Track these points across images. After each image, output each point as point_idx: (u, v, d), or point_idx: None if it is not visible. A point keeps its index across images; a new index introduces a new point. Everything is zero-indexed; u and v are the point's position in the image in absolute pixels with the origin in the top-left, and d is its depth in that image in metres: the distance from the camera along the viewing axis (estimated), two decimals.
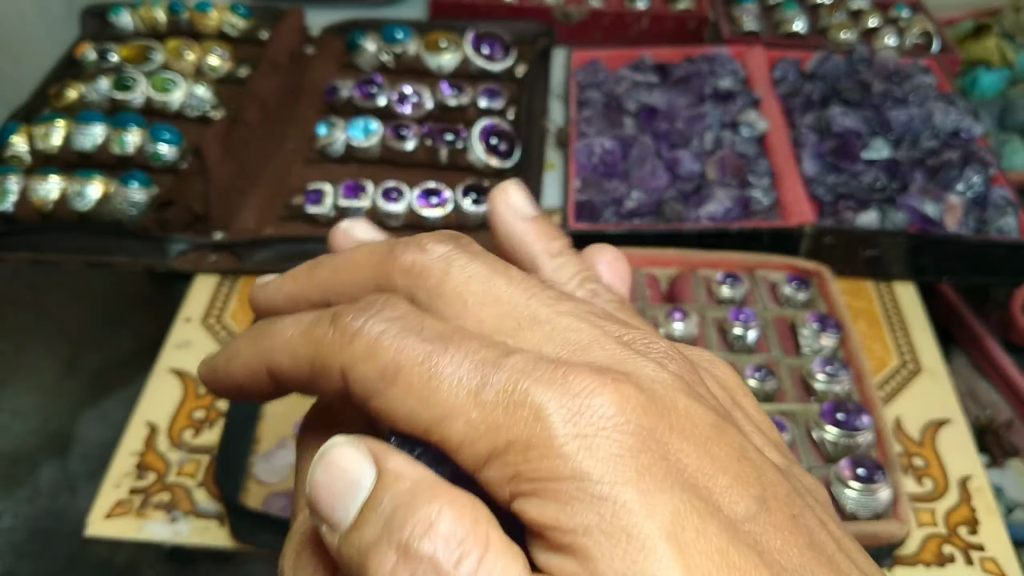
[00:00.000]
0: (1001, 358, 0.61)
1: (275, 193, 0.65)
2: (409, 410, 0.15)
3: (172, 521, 0.47)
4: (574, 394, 0.14)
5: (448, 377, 0.15)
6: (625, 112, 0.70)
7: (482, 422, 0.15)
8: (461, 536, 0.14)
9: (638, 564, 0.13)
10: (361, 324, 0.16)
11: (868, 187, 0.62)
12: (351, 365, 0.16)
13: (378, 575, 0.14)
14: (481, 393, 0.15)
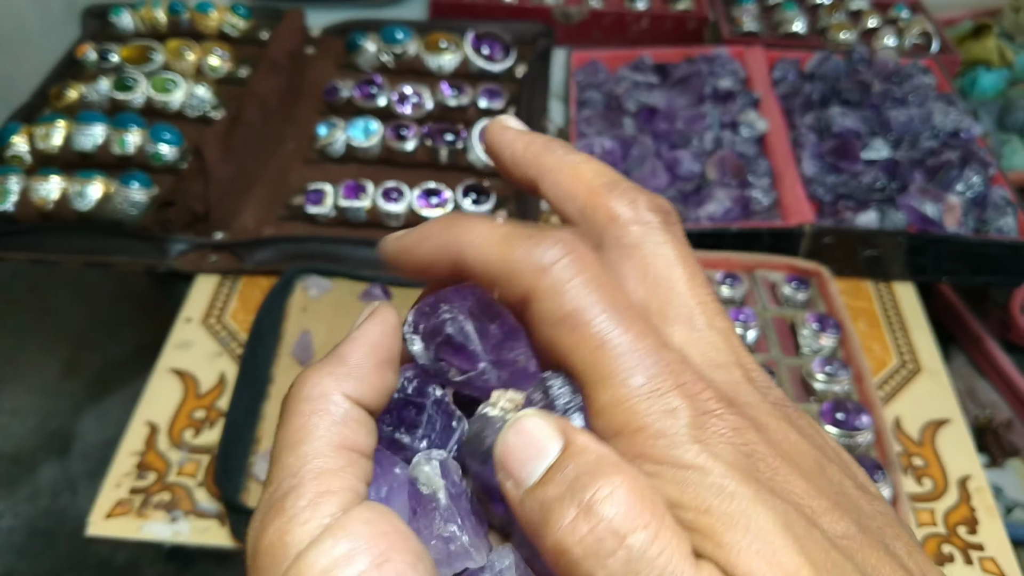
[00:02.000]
0: (1000, 358, 0.61)
1: (275, 193, 0.65)
2: (571, 356, 0.18)
3: (172, 521, 0.47)
4: (705, 410, 0.17)
5: (612, 350, 0.17)
6: (625, 112, 0.70)
7: (626, 401, 0.17)
8: (640, 509, 0.15)
9: (759, 543, 0.15)
10: (555, 261, 0.18)
11: (867, 187, 0.62)
12: (536, 297, 0.18)
13: (558, 525, 0.15)
14: (634, 376, 0.17)
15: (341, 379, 0.19)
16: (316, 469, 0.18)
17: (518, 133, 0.23)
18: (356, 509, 0.17)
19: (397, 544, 0.17)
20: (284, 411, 0.19)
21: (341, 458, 0.18)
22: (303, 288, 0.60)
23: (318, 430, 0.18)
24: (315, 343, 0.57)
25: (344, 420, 0.19)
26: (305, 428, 0.18)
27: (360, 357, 0.20)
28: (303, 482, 0.18)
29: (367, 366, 0.20)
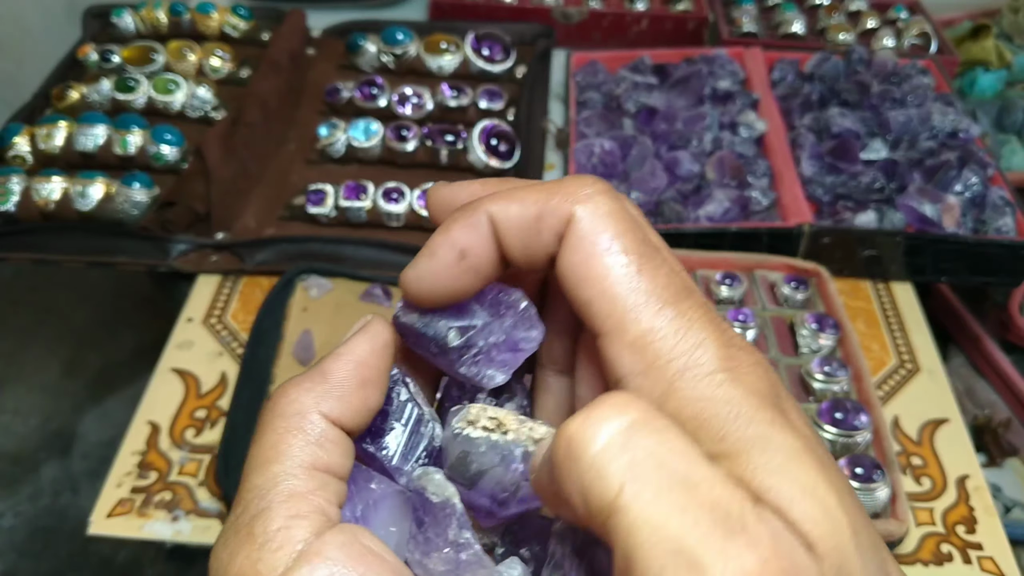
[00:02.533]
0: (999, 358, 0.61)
1: (276, 194, 0.65)
2: (603, 283, 0.18)
3: (174, 520, 0.48)
4: (732, 343, 0.17)
5: (646, 279, 0.18)
6: (624, 113, 0.70)
7: (658, 331, 0.17)
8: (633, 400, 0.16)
9: (783, 466, 0.15)
10: (595, 188, 0.18)
11: (866, 187, 0.63)
12: (574, 225, 0.18)
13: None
14: (666, 309, 0.17)
15: (321, 397, 0.19)
16: (286, 491, 0.17)
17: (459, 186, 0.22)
18: (329, 533, 0.17)
19: (375, 565, 0.16)
20: (259, 426, 0.18)
21: (312, 480, 0.18)
22: (304, 288, 0.60)
23: (291, 450, 0.18)
24: (316, 343, 0.57)
25: (319, 440, 0.18)
26: (277, 447, 0.18)
27: (344, 374, 0.19)
28: (271, 505, 0.17)
29: (350, 384, 0.19)
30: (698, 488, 0.14)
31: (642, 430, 0.15)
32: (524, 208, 0.19)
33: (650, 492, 0.14)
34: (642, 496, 0.14)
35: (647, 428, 0.15)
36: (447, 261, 0.19)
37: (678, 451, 0.15)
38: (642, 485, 0.14)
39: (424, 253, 0.20)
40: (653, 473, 0.14)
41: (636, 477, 0.14)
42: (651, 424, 0.15)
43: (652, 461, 0.14)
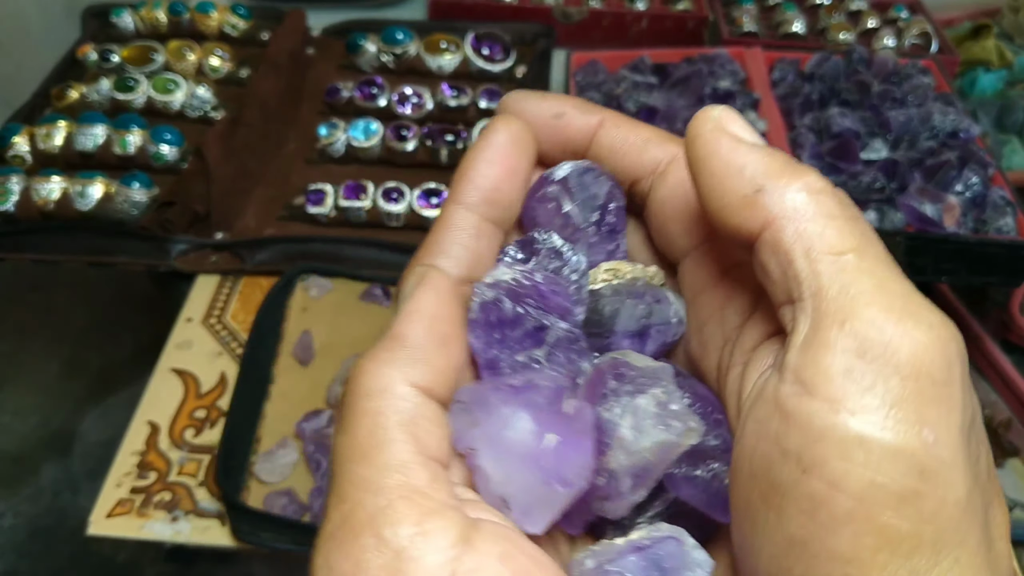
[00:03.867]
0: (1000, 358, 0.61)
1: (276, 193, 0.65)
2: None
3: (173, 520, 0.48)
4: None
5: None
6: (624, 112, 0.70)
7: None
8: None
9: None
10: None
11: (867, 187, 0.63)
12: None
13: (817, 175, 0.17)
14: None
15: (403, 365, 0.16)
16: (405, 486, 0.15)
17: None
18: (482, 540, 0.14)
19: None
20: (344, 411, 0.16)
21: (426, 470, 0.15)
22: (304, 288, 0.60)
23: (389, 433, 0.16)
24: (315, 343, 0.57)
25: (414, 419, 0.16)
26: (374, 433, 0.16)
27: (420, 335, 0.17)
28: (393, 503, 0.15)
29: (430, 345, 0.17)
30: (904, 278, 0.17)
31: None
32: (636, 128, 0.21)
33: (882, 259, 0.17)
34: (876, 258, 0.17)
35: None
36: (547, 109, 0.21)
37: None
38: (876, 252, 0.17)
39: (537, 94, 0.22)
40: (882, 251, 0.18)
41: (871, 245, 0.17)
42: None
43: (880, 244, 0.18)
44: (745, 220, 0.17)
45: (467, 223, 0.20)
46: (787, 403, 0.15)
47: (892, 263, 0.17)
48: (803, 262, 0.16)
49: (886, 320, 0.15)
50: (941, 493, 0.14)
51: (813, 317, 0.16)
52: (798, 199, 0.17)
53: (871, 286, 0.16)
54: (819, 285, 0.16)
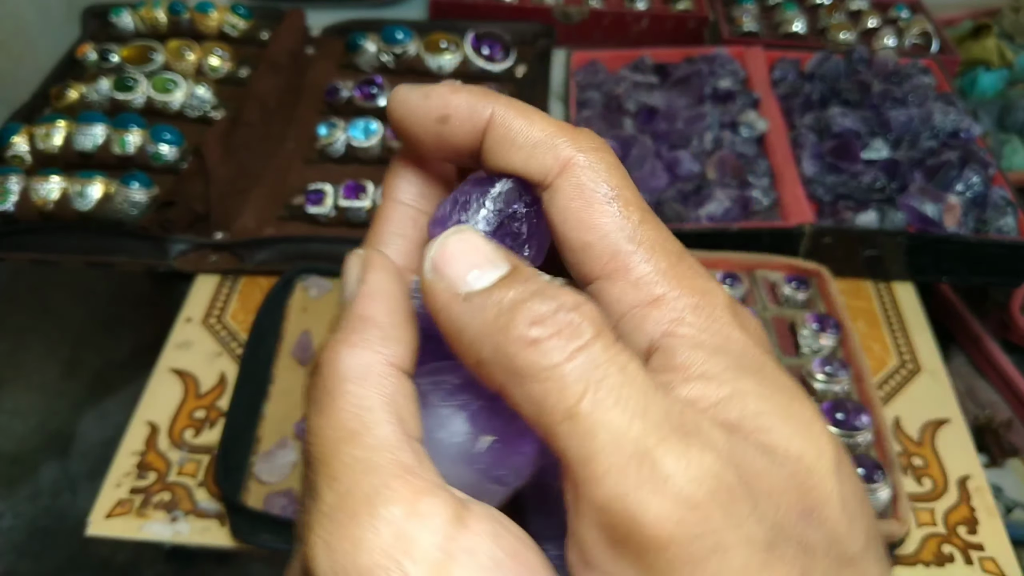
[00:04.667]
0: (1000, 358, 0.61)
1: (276, 193, 0.65)
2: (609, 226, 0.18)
3: (172, 521, 0.47)
4: (733, 299, 0.18)
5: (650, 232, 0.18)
6: (625, 112, 0.70)
7: (665, 272, 0.17)
8: (602, 321, 0.15)
9: (783, 399, 0.16)
10: (601, 144, 0.19)
11: (867, 187, 0.62)
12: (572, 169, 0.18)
13: (525, 319, 0.15)
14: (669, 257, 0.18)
15: (378, 345, 0.17)
16: (394, 465, 0.15)
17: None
18: (474, 520, 0.15)
19: (532, 563, 0.15)
20: (320, 395, 0.16)
21: (411, 449, 0.16)
22: (303, 288, 0.60)
23: (375, 415, 0.16)
24: (315, 343, 0.57)
25: (395, 398, 0.16)
26: (359, 414, 0.16)
27: (385, 314, 0.17)
28: (389, 483, 0.15)
29: (397, 322, 0.17)
30: (657, 400, 0.15)
31: (607, 343, 0.15)
32: (528, 129, 0.18)
33: (611, 399, 0.14)
34: (604, 403, 0.14)
35: (609, 342, 0.15)
36: (429, 112, 0.19)
37: (640, 371, 0.15)
38: (605, 393, 0.14)
39: (422, 89, 0.19)
40: (615, 382, 0.14)
41: (599, 386, 0.14)
42: (615, 344, 0.15)
43: (614, 373, 0.15)
44: (489, 386, 0.16)
45: (402, 215, 0.20)
46: (576, 574, 0.15)
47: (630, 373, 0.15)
48: (540, 429, 0.15)
49: (622, 488, 0.14)
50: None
51: (570, 484, 0.15)
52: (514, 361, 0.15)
53: (604, 443, 0.14)
54: (561, 451, 0.15)
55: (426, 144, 0.19)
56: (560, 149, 0.18)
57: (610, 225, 0.18)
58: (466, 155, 0.19)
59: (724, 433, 0.15)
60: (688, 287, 0.17)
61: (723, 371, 0.16)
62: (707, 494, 0.14)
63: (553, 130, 0.18)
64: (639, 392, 0.14)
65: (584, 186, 0.18)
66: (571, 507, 0.15)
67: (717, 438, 0.15)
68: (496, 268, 0.16)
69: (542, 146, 0.18)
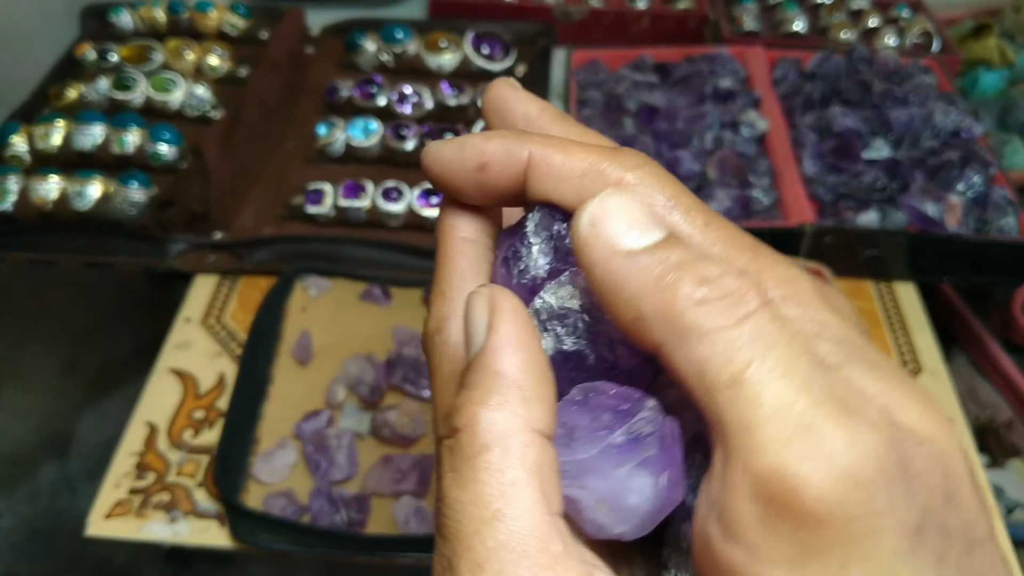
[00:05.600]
0: (1001, 358, 0.60)
1: (275, 193, 0.65)
2: None
3: (172, 521, 0.47)
4: (821, 283, 0.17)
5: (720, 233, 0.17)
6: (625, 112, 0.70)
7: (748, 269, 0.17)
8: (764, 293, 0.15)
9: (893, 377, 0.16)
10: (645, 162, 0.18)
11: (868, 187, 0.62)
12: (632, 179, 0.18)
13: (691, 280, 0.15)
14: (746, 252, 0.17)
15: (518, 408, 0.15)
16: (543, 553, 0.14)
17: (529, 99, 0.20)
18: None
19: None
20: (459, 462, 0.15)
21: (558, 532, 0.15)
22: (303, 288, 0.60)
23: (520, 492, 0.15)
24: (315, 343, 0.57)
25: (540, 469, 0.15)
26: (503, 490, 0.15)
27: (523, 369, 0.16)
28: (537, 573, 0.14)
29: (535, 380, 0.16)
30: (820, 374, 0.14)
31: (775, 314, 0.15)
32: (569, 161, 0.18)
33: (779, 371, 0.14)
34: (772, 373, 0.14)
35: (776, 313, 0.15)
36: (467, 163, 0.19)
37: (805, 345, 0.15)
38: (773, 363, 0.14)
39: (456, 142, 0.19)
40: (783, 353, 0.14)
41: (767, 356, 0.14)
42: (778, 311, 0.15)
43: (783, 344, 0.14)
44: (640, 344, 0.16)
45: (472, 251, 0.20)
46: (715, 546, 0.15)
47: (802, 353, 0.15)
48: (699, 392, 0.15)
49: (785, 460, 0.14)
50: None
51: (722, 453, 0.15)
52: (680, 319, 0.15)
53: (770, 412, 0.14)
54: (718, 417, 0.15)
55: (468, 194, 0.19)
56: (607, 174, 0.18)
57: (679, 234, 0.17)
58: (510, 198, 0.19)
59: (880, 413, 0.15)
60: (773, 278, 0.17)
61: (830, 354, 0.16)
62: (871, 474, 0.14)
63: (595, 157, 0.18)
64: (805, 366, 0.14)
65: None
66: (719, 477, 0.15)
67: (876, 418, 0.14)
68: (656, 230, 0.16)
69: (589, 175, 0.18)
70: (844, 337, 0.16)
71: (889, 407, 0.15)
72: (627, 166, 0.18)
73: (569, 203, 0.18)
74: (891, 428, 0.14)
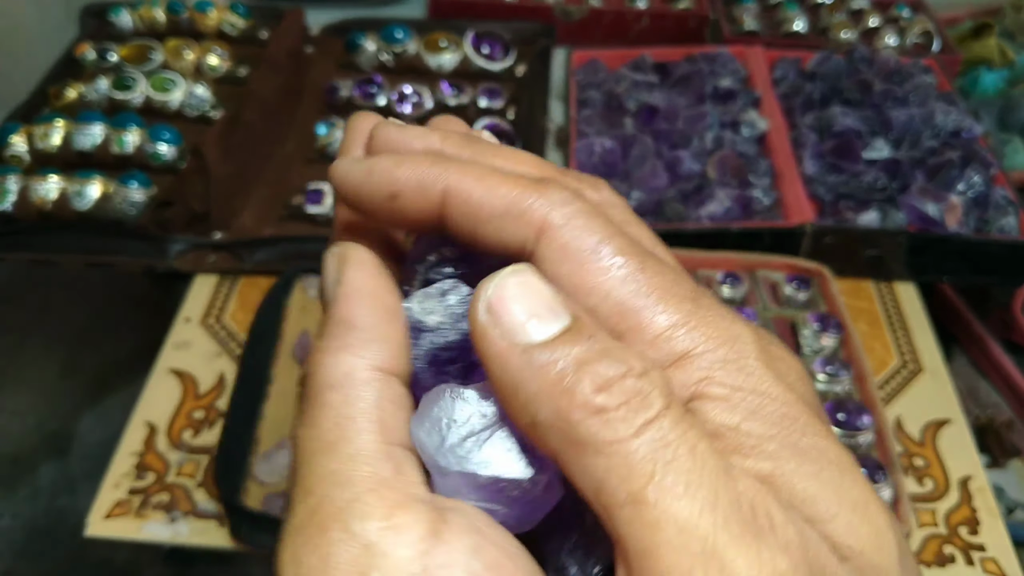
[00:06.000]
0: (1002, 358, 0.60)
1: (275, 193, 0.65)
2: (603, 287, 0.16)
3: (172, 521, 0.47)
4: (766, 340, 0.17)
5: (654, 279, 0.16)
6: (625, 112, 0.69)
7: (682, 325, 0.16)
8: (671, 390, 0.14)
9: (833, 475, 0.15)
10: (572, 200, 0.17)
11: (868, 187, 0.62)
12: (548, 232, 0.16)
13: (589, 383, 0.14)
14: (683, 305, 0.16)
15: (359, 349, 0.16)
16: (372, 478, 0.14)
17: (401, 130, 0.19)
18: (452, 533, 0.14)
19: (510, 571, 0.14)
20: (306, 404, 0.16)
21: (391, 459, 0.15)
22: (303, 288, 0.60)
23: (355, 424, 0.15)
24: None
25: (379, 404, 0.15)
26: (340, 425, 0.15)
27: (367, 314, 0.16)
28: (361, 496, 0.14)
29: (380, 322, 0.16)
30: (727, 488, 0.13)
31: (678, 417, 0.14)
32: (489, 196, 0.17)
33: (681, 486, 0.13)
34: (673, 490, 0.13)
35: (680, 416, 0.14)
36: (376, 190, 0.17)
37: (710, 452, 0.14)
38: (674, 478, 0.13)
39: (365, 164, 0.18)
40: (685, 467, 0.13)
41: (667, 470, 0.13)
42: (685, 418, 0.14)
43: (684, 455, 0.13)
44: (540, 448, 0.15)
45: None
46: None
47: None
48: (598, 508, 0.14)
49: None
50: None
51: (624, 572, 0.14)
52: (575, 430, 0.14)
53: (671, 536, 0.13)
54: (618, 535, 0.13)
55: (381, 220, 0.18)
56: (531, 213, 0.16)
57: (610, 283, 0.16)
58: (429, 227, 0.18)
59: (796, 529, 0.13)
60: (713, 336, 0.16)
61: (764, 441, 0.15)
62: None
63: (518, 192, 0.16)
64: (709, 478, 0.13)
65: (568, 246, 0.16)
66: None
67: (791, 536, 0.13)
68: (558, 318, 0.15)
69: (510, 215, 0.16)
70: (783, 416, 0.15)
71: (816, 517, 0.14)
72: (552, 202, 0.16)
73: (492, 247, 0.17)
74: (806, 548, 0.13)
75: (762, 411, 0.15)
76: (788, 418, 0.15)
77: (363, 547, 0.14)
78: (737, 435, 0.15)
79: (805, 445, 0.15)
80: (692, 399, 0.15)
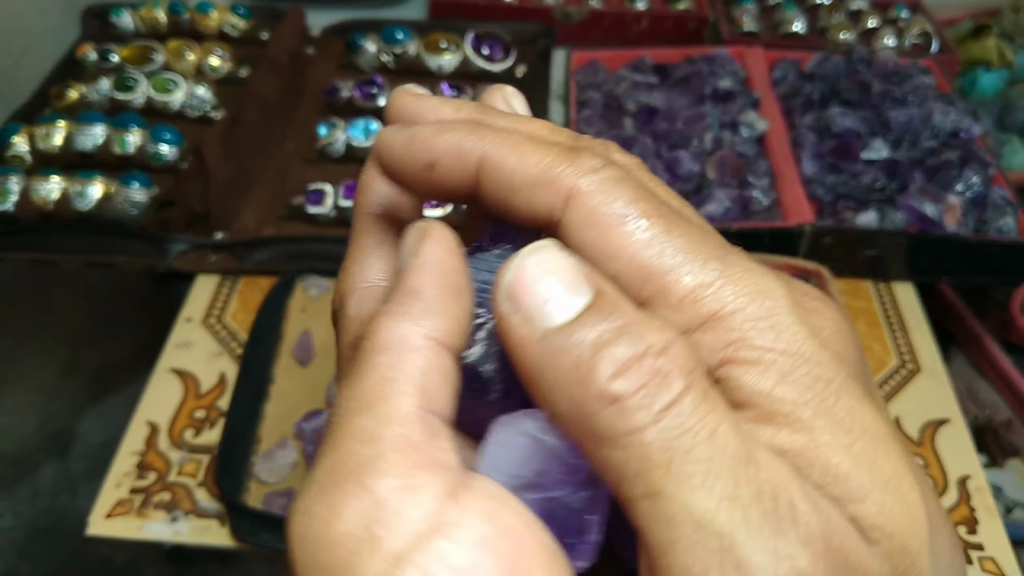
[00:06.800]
0: (1000, 358, 0.61)
1: (275, 193, 0.65)
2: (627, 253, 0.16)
3: (173, 521, 0.47)
4: (800, 291, 0.16)
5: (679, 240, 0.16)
6: (625, 112, 0.70)
7: (712, 284, 0.15)
8: (693, 366, 0.14)
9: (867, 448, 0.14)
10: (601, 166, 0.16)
11: (867, 187, 0.62)
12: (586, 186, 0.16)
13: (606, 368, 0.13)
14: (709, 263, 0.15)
15: (420, 318, 0.16)
16: (399, 438, 0.14)
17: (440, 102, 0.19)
18: (470, 497, 0.14)
19: (528, 544, 0.13)
20: (355, 365, 0.15)
21: (427, 425, 0.15)
22: (303, 288, 0.60)
23: (396, 386, 0.15)
24: (315, 343, 0.57)
25: (426, 371, 0.15)
26: (382, 386, 0.15)
27: (434, 287, 0.16)
28: (384, 453, 0.14)
29: (445, 296, 0.16)
30: (748, 477, 0.13)
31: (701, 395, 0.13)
32: (522, 164, 0.16)
33: (699, 476, 0.13)
34: (691, 481, 0.13)
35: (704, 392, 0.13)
36: (415, 158, 0.17)
37: (731, 435, 0.13)
38: (692, 467, 0.13)
39: (407, 132, 0.18)
40: (704, 454, 0.13)
41: (685, 459, 0.13)
42: (707, 398, 0.13)
43: (704, 442, 0.13)
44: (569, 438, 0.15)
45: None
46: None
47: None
48: (619, 498, 0.14)
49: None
50: None
51: (647, 565, 0.13)
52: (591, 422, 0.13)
53: (689, 531, 0.12)
54: (638, 527, 0.13)
55: (418, 191, 0.18)
56: (560, 181, 0.16)
57: (635, 246, 0.15)
58: (462, 197, 0.18)
59: (819, 518, 0.13)
60: (742, 293, 0.15)
61: (798, 408, 0.14)
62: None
63: (549, 160, 0.16)
64: (729, 466, 0.13)
65: (595, 211, 0.16)
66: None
67: (813, 528, 0.13)
68: (579, 294, 0.14)
69: (540, 183, 0.16)
70: (817, 378, 0.14)
71: (847, 496, 0.14)
72: (582, 170, 0.16)
73: (522, 217, 0.17)
74: (829, 539, 0.13)
75: (795, 373, 0.14)
76: (822, 380, 0.14)
77: (373, 502, 0.13)
78: (771, 402, 0.14)
79: (840, 412, 0.14)
80: (722, 364, 0.15)
